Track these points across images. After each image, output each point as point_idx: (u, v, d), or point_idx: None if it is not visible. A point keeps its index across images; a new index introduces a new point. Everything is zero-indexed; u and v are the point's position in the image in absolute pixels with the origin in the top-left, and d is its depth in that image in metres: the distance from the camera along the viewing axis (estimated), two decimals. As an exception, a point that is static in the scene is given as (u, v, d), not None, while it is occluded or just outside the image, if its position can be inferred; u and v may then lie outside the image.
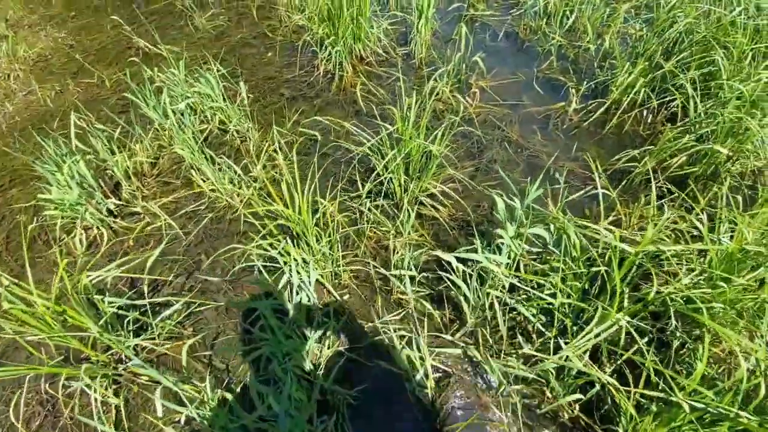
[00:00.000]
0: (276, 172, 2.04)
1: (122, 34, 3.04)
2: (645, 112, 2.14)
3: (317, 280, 1.56)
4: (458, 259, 1.33)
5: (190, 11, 3.22)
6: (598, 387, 1.22)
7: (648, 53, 2.09)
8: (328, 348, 1.36)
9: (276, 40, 2.91)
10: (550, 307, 1.27)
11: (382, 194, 1.87)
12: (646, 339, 1.15)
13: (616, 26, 2.32)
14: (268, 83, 2.60)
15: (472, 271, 1.31)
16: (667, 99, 2.12)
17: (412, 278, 1.58)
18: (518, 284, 1.32)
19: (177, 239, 1.86)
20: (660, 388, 1.07)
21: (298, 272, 1.35)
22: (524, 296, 1.39)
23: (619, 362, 1.23)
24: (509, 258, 1.26)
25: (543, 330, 1.31)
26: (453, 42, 2.72)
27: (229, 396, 1.16)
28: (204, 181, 1.87)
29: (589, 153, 2.07)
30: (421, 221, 1.83)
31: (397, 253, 1.67)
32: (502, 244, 1.24)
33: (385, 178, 1.75)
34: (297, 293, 1.33)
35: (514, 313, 1.43)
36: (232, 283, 1.69)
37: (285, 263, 1.36)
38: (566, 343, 1.31)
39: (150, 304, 1.54)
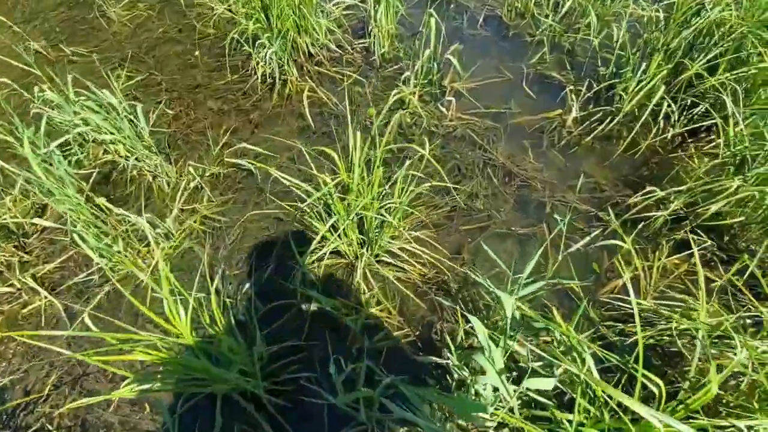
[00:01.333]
0: (196, 220, 1.58)
1: (21, 32, 2.45)
2: (663, 122, 1.70)
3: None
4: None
5: (101, -1, 2.62)
6: None
7: (668, 48, 1.64)
8: None
9: (206, 34, 2.35)
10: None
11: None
12: None
13: (627, 11, 1.84)
14: (194, 93, 2.07)
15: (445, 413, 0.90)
16: (690, 106, 1.68)
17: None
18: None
19: (59, 324, 1.40)
20: None
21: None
22: None
23: None
24: (493, 402, 0.85)
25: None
26: (422, 32, 2.21)
27: None
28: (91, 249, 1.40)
29: (596, 180, 1.64)
30: (383, 284, 1.40)
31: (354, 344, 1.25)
32: (483, 385, 0.82)
33: (330, 243, 1.30)
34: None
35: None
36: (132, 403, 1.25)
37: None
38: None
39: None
